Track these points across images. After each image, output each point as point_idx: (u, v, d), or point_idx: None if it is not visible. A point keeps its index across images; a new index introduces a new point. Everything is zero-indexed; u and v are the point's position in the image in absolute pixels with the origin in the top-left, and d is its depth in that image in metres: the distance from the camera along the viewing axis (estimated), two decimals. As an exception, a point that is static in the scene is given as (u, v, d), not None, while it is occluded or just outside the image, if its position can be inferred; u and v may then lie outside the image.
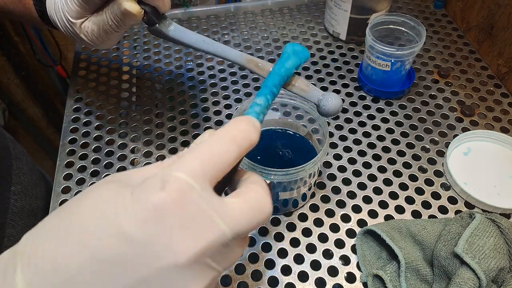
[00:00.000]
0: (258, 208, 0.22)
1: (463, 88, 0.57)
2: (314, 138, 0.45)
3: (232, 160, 0.22)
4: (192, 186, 0.20)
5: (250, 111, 0.27)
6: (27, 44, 0.89)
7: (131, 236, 0.19)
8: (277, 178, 0.37)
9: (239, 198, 0.22)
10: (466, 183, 0.46)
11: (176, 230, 0.19)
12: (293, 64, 0.31)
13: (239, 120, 0.24)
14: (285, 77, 0.30)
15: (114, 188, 0.21)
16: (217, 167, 0.21)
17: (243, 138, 0.23)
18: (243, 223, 0.21)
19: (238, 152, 0.22)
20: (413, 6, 0.70)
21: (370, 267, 0.40)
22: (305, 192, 0.43)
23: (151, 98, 0.57)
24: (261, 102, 0.27)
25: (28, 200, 0.50)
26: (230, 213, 0.21)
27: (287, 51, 0.31)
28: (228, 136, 0.22)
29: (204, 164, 0.21)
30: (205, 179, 0.21)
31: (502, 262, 0.35)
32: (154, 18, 0.37)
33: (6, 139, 0.51)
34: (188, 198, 0.20)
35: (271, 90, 0.29)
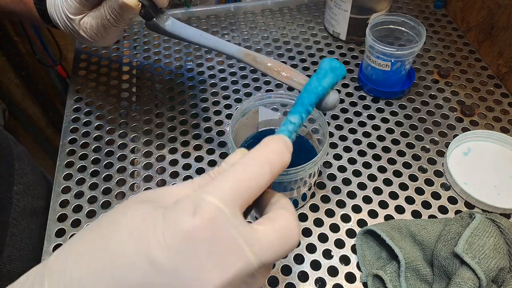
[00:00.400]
0: (287, 237, 0.21)
1: (463, 88, 0.57)
2: (314, 138, 0.45)
3: (264, 184, 0.22)
4: (223, 212, 0.20)
5: (283, 129, 0.26)
6: (27, 44, 0.89)
7: (160, 264, 0.19)
8: (277, 178, 0.37)
9: (269, 226, 0.21)
10: (466, 183, 0.46)
11: (204, 259, 0.19)
12: (330, 82, 0.29)
13: (273, 141, 0.23)
14: (321, 95, 0.29)
15: (146, 210, 0.20)
16: (249, 192, 0.21)
17: (277, 161, 0.22)
18: (270, 253, 0.20)
19: (270, 175, 0.22)
20: (413, 6, 0.70)
21: (370, 267, 0.40)
22: (305, 192, 0.43)
23: (151, 98, 0.57)
24: (295, 120, 0.26)
25: (30, 199, 0.50)
26: (259, 242, 0.20)
27: (325, 67, 0.29)
28: (262, 159, 0.22)
29: (237, 189, 0.21)
30: (236, 205, 0.20)
31: (502, 262, 0.35)
32: (152, 12, 0.37)
33: (8, 139, 0.51)
34: (219, 225, 0.19)
35: (306, 108, 0.27)
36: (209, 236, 0.19)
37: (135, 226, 0.20)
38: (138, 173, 0.49)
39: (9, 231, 0.46)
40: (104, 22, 0.37)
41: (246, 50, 0.36)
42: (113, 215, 0.21)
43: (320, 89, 0.29)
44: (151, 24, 0.38)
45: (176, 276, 0.19)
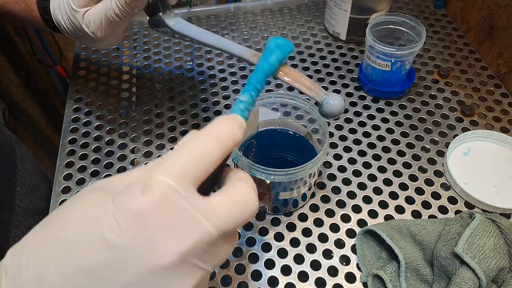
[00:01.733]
0: (244, 204, 0.22)
1: (463, 88, 0.57)
2: (314, 138, 0.45)
3: (215, 160, 0.22)
4: (175, 189, 0.20)
5: (235, 109, 0.27)
6: (27, 44, 0.89)
7: (114, 244, 0.19)
8: (277, 178, 0.37)
9: (224, 196, 0.22)
10: (466, 183, 0.46)
11: (158, 233, 0.19)
12: (277, 59, 0.30)
13: (223, 119, 0.24)
14: (269, 72, 0.30)
15: (97, 197, 0.21)
16: (200, 168, 0.21)
17: (227, 138, 0.23)
18: (228, 221, 0.21)
19: (221, 151, 0.22)
20: (413, 6, 0.70)
21: (370, 267, 0.40)
22: (305, 192, 0.43)
23: (151, 98, 0.57)
24: (245, 99, 0.27)
25: (32, 200, 0.50)
26: (215, 212, 0.21)
27: (270, 45, 0.31)
28: (211, 136, 0.22)
29: (186, 166, 0.21)
30: (188, 181, 0.21)
31: (502, 262, 0.35)
32: (159, 6, 0.36)
33: (11, 139, 0.51)
34: (170, 201, 0.20)
35: (255, 86, 0.28)
36: (160, 212, 0.20)
37: (87, 213, 0.20)
38: (138, 173, 0.49)
39: (12, 232, 0.46)
40: (109, 14, 0.36)
41: (253, 50, 0.36)
42: (64, 207, 0.21)
43: (266, 66, 0.30)
44: (156, 20, 0.37)
45: (132, 254, 0.19)
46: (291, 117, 0.46)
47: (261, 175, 0.37)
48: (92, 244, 0.19)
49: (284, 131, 0.47)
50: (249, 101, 0.27)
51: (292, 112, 0.46)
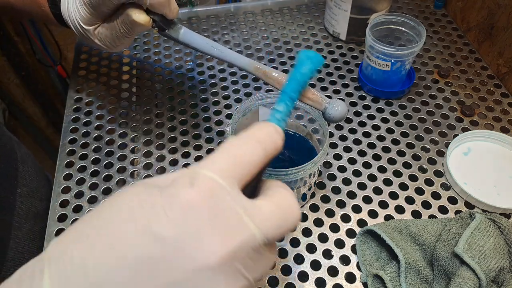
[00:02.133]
0: (288, 211, 0.21)
1: (463, 88, 0.57)
2: (314, 138, 0.45)
3: (258, 162, 0.22)
4: (221, 185, 0.20)
5: (271, 119, 0.27)
6: (27, 44, 0.89)
7: (162, 236, 0.19)
8: (277, 178, 0.37)
9: (268, 201, 0.21)
10: (466, 183, 0.46)
11: (205, 228, 0.19)
12: (309, 69, 0.31)
13: (264, 125, 0.23)
14: (302, 82, 0.30)
15: (143, 190, 0.20)
16: (245, 167, 0.21)
17: (269, 142, 0.23)
18: (273, 226, 0.20)
19: (264, 154, 0.22)
20: (413, 6, 0.70)
21: (370, 267, 0.40)
22: (305, 192, 0.43)
23: (151, 98, 0.57)
24: (281, 108, 0.27)
25: (33, 202, 0.50)
26: (260, 214, 0.20)
27: (301, 57, 0.31)
28: (255, 139, 0.22)
29: (232, 163, 0.21)
30: (233, 179, 0.20)
31: (502, 262, 0.35)
32: (163, 25, 0.38)
33: (12, 141, 0.51)
34: (217, 196, 0.19)
35: (289, 96, 0.29)
36: (208, 207, 0.19)
37: (133, 205, 0.20)
38: (138, 173, 0.49)
39: (13, 233, 0.46)
40: (117, 34, 0.38)
41: (256, 63, 0.37)
42: (110, 201, 0.21)
43: (299, 75, 0.30)
44: (165, 34, 0.39)
45: (179, 247, 0.19)
46: (291, 117, 0.46)
47: None
48: (138, 235, 0.19)
49: (284, 131, 0.47)
50: (285, 111, 0.28)
51: (292, 112, 0.46)
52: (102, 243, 0.19)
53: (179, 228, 0.19)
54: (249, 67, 0.37)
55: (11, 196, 0.47)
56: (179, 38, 0.39)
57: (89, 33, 0.38)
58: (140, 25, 0.36)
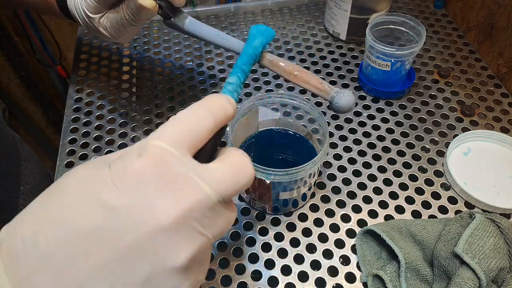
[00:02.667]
0: (241, 170, 0.22)
1: (463, 88, 0.57)
2: (314, 138, 0.45)
3: (208, 129, 0.22)
4: (171, 152, 0.20)
5: (223, 91, 0.28)
6: (27, 44, 0.89)
7: (112, 206, 0.19)
8: (277, 178, 0.37)
9: (220, 162, 0.22)
10: (466, 183, 0.46)
11: (156, 194, 0.19)
12: (260, 42, 0.32)
13: (214, 95, 0.24)
14: (253, 55, 0.32)
15: (92, 165, 0.21)
16: (194, 134, 0.21)
17: (218, 110, 0.23)
18: (226, 185, 0.21)
19: (214, 121, 0.22)
20: (413, 6, 0.70)
21: (370, 267, 0.40)
22: (305, 192, 0.43)
23: (151, 98, 0.57)
24: (233, 80, 0.29)
25: None
26: (213, 175, 0.21)
27: (253, 32, 0.33)
28: (204, 107, 0.23)
29: (180, 132, 0.21)
30: (183, 146, 0.21)
31: (502, 262, 0.35)
32: (169, 12, 0.37)
33: (15, 139, 0.51)
34: (167, 163, 0.20)
35: (241, 69, 0.30)
36: (158, 173, 0.19)
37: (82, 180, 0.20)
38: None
39: None
40: (123, 22, 0.38)
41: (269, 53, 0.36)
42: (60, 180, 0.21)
43: (250, 49, 0.32)
44: (170, 23, 0.39)
45: (130, 215, 0.19)
46: (291, 117, 0.46)
47: (261, 175, 0.37)
48: (89, 207, 0.19)
49: (284, 131, 0.47)
50: (237, 82, 0.29)
51: (292, 112, 0.46)
52: (51, 219, 0.19)
53: (129, 196, 0.19)
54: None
55: (14, 194, 0.47)
56: (185, 27, 0.39)
57: (94, 22, 0.38)
58: (146, 10, 0.36)
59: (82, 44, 0.65)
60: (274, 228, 0.43)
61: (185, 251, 0.20)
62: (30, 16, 0.85)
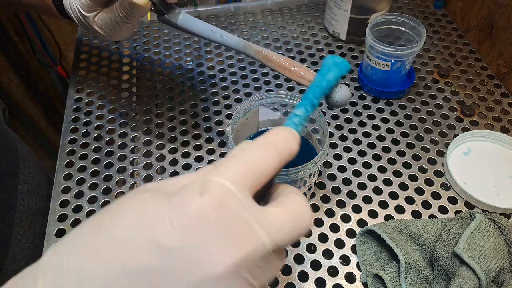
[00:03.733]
0: (299, 218, 0.21)
1: (463, 88, 0.57)
2: (314, 138, 0.45)
3: (273, 169, 0.21)
4: (233, 193, 0.19)
5: (289, 123, 0.26)
6: (27, 44, 0.89)
7: (166, 247, 0.18)
8: (277, 178, 0.37)
9: (280, 208, 0.20)
10: (466, 183, 0.46)
11: (215, 239, 0.18)
12: (334, 76, 0.30)
13: (280, 130, 0.23)
14: (325, 89, 0.30)
15: (149, 197, 0.19)
16: (258, 174, 0.20)
17: (285, 147, 0.22)
18: (284, 234, 0.20)
19: (279, 160, 0.21)
20: (413, 6, 0.70)
21: (370, 267, 0.40)
22: (305, 192, 0.43)
23: (151, 98, 0.57)
24: (301, 113, 0.27)
25: (34, 199, 0.50)
26: (271, 223, 0.19)
27: (328, 63, 0.31)
28: (270, 144, 0.21)
29: (245, 170, 0.20)
30: (245, 186, 0.19)
31: (502, 262, 0.35)
32: (163, 9, 0.37)
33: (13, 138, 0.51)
34: (228, 205, 0.19)
35: (311, 101, 0.28)
36: (218, 216, 0.18)
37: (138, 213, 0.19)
38: (138, 173, 0.49)
39: (14, 230, 0.46)
40: (117, 19, 0.38)
41: (256, 46, 0.36)
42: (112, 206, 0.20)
43: (324, 82, 0.30)
44: (163, 19, 0.38)
45: (185, 258, 0.18)
46: None
47: None
48: (141, 245, 0.18)
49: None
50: (304, 115, 0.27)
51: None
52: (101, 252, 0.18)
53: (186, 239, 0.18)
54: (250, 51, 0.37)
55: (12, 193, 0.47)
56: (178, 23, 0.38)
57: (89, 20, 0.38)
58: (138, 7, 0.36)
59: (82, 44, 0.65)
60: (274, 228, 0.43)
61: None
62: (30, 16, 0.85)
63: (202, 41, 0.65)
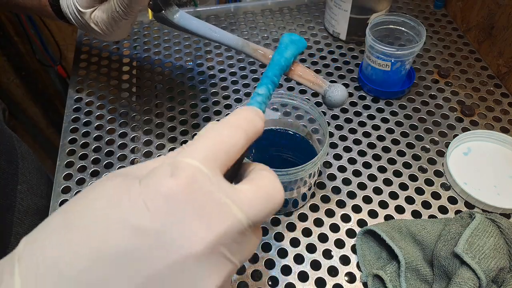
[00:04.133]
0: (272, 194, 0.21)
1: (463, 88, 0.57)
2: (314, 138, 0.45)
3: (240, 147, 0.21)
4: (203, 172, 0.19)
5: (252, 102, 0.27)
6: (27, 44, 0.89)
7: (142, 228, 0.18)
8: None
9: (251, 185, 0.21)
10: (466, 183, 0.46)
11: (189, 218, 0.18)
12: (292, 54, 0.31)
13: (242, 110, 0.23)
14: (284, 67, 0.30)
15: (120, 181, 0.19)
16: (227, 153, 0.21)
17: (249, 126, 0.22)
18: (258, 210, 0.20)
19: (245, 138, 0.22)
20: (413, 6, 0.70)
21: (370, 267, 0.40)
22: (305, 192, 0.43)
23: (151, 98, 0.57)
24: (263, 92, 0.27)
25: (33, 199, 0.50)
26: (244, 199, 0.20)
27: (285, 41, 0.31)
28: (235, 123, 0.22)
29: (214, 150, 0.20)
30: (215, 165, 0.20)
31: (502, 262, 0.35)
32: (160, 4, 0.37)
33: (12, 138, 0.51)
34: (200, 185, 0.19)
35: (271, 80, 0.29)
36: (191, 196, 0.18)
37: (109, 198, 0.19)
38: (138, 173, 0.49)
39: (14, 230, 0.46)
40: (114, 15, 0.37)
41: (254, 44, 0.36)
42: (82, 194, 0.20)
43: (282, 60, 0.30)
44: (160, 17, 0.38)
45: (161, 239, 0.18)
46: (291, 117, 0.46)
47: None
48: (116, 229, 0.18)
49: (284, 131, 0.47)
50: (266, 94, 0.27)
51: (292, 112, 0.46)
52: (76, 238, 0.18)
53: (161, 219, 0.18)
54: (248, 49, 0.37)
55: (12, 193, 0.47)
56: (175, 21, 0.38)
57: (86, 16, 0.38)
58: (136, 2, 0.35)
59: (82, 44, 0.65)
60: (274, 228, 0.43)
61: (214, 279, 0.19)
62: (30, 16, 0.85)
63: (202, 41, 0.65)
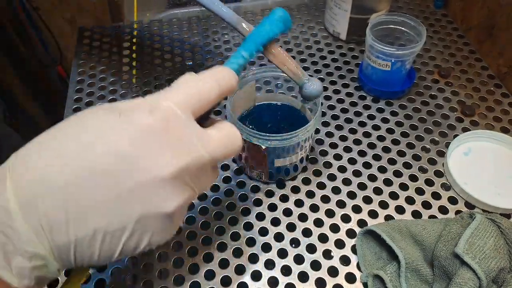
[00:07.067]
0: (232, 139, 0.26)
1: (463, 88, 0.57)
2: (308, 111, 0.48)
3: (213, 98, 0.25)
4: (178, 114, 0.23)
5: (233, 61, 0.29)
6: (27, 44, 0.89)
7: (123, 152, 0.21)
8: (273, 143, 0.39)
9: (216, 130, 0.25)
10: (466, 183, 0.46)
11: (162, 149, 0.22)
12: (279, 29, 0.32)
13: (220, 68, 0.27)
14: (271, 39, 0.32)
15: (103, 112, 0.23)
16: (201, 101, 0.24)
17: (225, 82, 0.26)
18: (219, 150, 0.25)
19: (219, 92, 0.26)
20: (413, 6, 0.70)
21: (370, 267, 0.39)
22: (303, 156, 0.45)
23: (151, 98, 0.57)
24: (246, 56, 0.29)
25: None
26: (209, 140, 0.24)
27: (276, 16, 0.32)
28: (213, 77, 0.26)
29: (189, 96, 0.24)
30: (189, 110, 0.24)
31: (503, 262, 0.35)
32: None
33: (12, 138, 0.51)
34: (173, 123, 0.23)
35: (258, 48, 0.30)
36: (165, 131, 0.22)
37: (96, 124, 0.22)
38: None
39: None
40: None
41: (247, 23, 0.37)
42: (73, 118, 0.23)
43: (272, 34, 0.32)
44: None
45: (137, 163, 0.22)
46: (283, 89, 0.49)
47: (258, 141, 0.40)
48: (100, 150, 0.21)
49: (280, 105, 0.50)
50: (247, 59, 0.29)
51: (284, 85, 0.49)
52: (64, 154, 0.21)
53: (137, 146, 0.22)
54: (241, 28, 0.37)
55: None
56: None
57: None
58: None
59: (82, 45, 0.65)
60: (274, 229, 0.43)
61: (176, 200, 0.23)
62: (30, 16, 0.85)
63: (202, 41, 0.65)
